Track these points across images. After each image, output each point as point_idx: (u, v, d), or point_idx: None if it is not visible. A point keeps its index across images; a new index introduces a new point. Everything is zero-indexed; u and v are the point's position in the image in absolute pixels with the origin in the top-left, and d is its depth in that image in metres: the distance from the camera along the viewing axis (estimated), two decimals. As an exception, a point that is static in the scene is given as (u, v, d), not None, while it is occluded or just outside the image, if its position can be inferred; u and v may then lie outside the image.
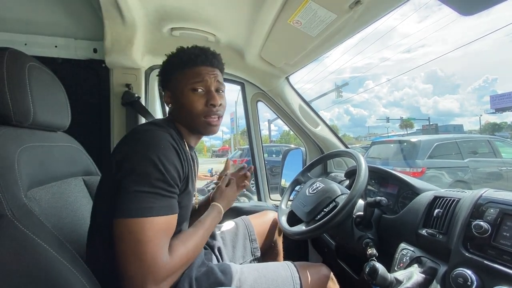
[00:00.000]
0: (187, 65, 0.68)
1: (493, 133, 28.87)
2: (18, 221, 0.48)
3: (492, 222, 0.53)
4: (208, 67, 0.69)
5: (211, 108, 0.68)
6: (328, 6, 0.72)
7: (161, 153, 0.55)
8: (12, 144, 0.55)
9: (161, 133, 0.60)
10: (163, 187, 0.54)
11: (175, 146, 0.60)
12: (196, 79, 0.67)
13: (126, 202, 0.51)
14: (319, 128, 1.41)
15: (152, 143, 0.57)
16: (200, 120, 0.69)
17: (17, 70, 0.59)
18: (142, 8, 0.94)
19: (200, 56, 0.69)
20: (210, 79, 0.69)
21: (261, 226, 1.06)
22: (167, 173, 0.55)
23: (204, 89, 0.69)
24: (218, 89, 0.71)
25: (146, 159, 0.54)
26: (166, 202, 0.55)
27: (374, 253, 0.74)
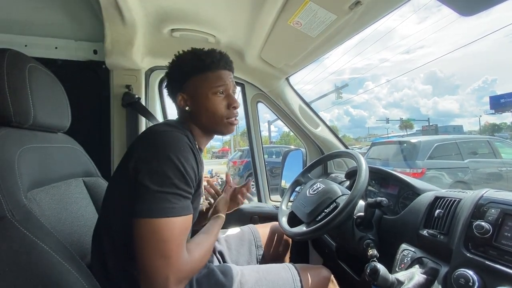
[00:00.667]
0: (210, 68, 0.69)
1: (492, 134, 28.89)
2: (18, 223, 0.48)
3: (493, 222, 0.53)
4: (227, 71, 0.72)
5: (232, 110, 0.71)
6: (328, 7, 0.73)
7: (181, 154, 0.56)
8: (13, 145, 0.55)
9: (179, 134, 0.60)
10: (184, 188, 0.55)
11: (192, 148, 0.60)
12: (219, 83, 0.69)
13: (148, 203, 0.52)
14: (319, 129, 1.41)
15: (172, 144, 0.57)
16: (223, 122, 0.71)
17: (18, 71, 0.59)
18: (142, 9, 0.94)
19: (221, 60, 0.71)
20: (230, 82, 0.72)
21: (267, 236, 1.05)
22: (187, 174, 0.56)
23: (225, 92, 0.71)
24: (234, 91, 0.75)
25: (167, 160, 0.54)
26: (186, 203, 0.56)
27: (375, 254, 0.73)
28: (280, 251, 1.06)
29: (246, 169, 7.46)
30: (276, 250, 1.05)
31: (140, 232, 0.51)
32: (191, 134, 0.69)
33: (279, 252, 1.06)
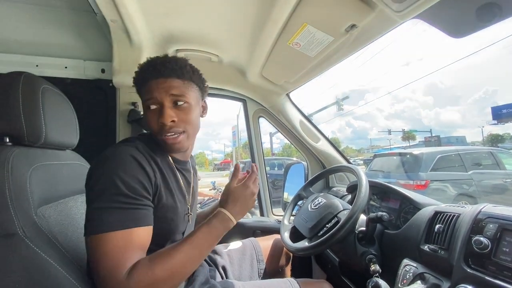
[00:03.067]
0: (141, 82, 0.65)
1: (496, 145, 28.68)
2: (29, 240, 0.49)
3: (491, 238, 0.54)
4: (159, 79, 0.63)
5: (163, 126, 0.63)
6: (325, 30, 0.77)
7: (118, 166, 0.54)
8: (25, 164, 0.57)
9: (123, 147, 0.58)
10: (121, 200, 0.52)
11: (138, 158, 0.57)
12: (147, 96, 0.64)
13: (86, 221, 0.52)
14: (320, 142, 1.43)
15: (110, 159, 0.55)
16: (158, 138, 0.65)
17: (32, 93, 0.62)
18: (149, 31, 0.99)
19: (148, 69, 0.63)
20: (160, 93, 0.62)
21: (269, 250, 1.04)
22: (125, 187, 0.52)
23: (157, 105, 0.64)
24: (177, 101, 0.64)
25: (102, 176, 0.53)
26: (125, 216, 0.52)
27: (378, 270, 0.73)
28: (282, 264, 1.06)
29: (248, 181, 7.42)
30: (278, 264, 1.04)
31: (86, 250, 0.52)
32: (156, 145, 0.66)
33: (281, 265, 1.05)
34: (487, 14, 0.57)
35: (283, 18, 0.77)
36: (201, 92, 0.73)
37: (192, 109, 0.66)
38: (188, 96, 0.65)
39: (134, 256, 0.51)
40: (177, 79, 0.64)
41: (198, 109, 0.70)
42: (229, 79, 1.32)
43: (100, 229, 0.50)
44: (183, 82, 0.65)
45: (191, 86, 0.67)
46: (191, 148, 0.77)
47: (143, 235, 0.54)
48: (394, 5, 0.60)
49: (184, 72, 0.65)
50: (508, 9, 0.55)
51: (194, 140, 0.75)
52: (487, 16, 0.57)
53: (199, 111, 0.72)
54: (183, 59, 0.68)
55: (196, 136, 0.77)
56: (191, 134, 0.69)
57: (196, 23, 0.94)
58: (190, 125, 0.67)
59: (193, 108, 0.67)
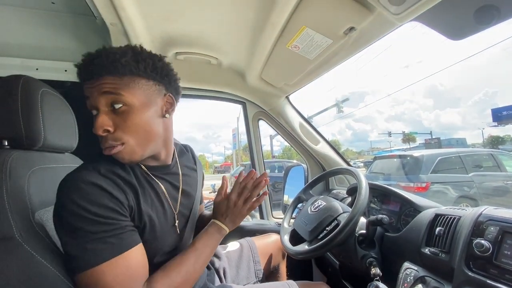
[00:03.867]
0: (81, 83, 0.55)
1: (496, 146, 28.64)
2: (26, 243, 0.49)
3: (493, 240, 0.53)
4: (90, 80, 0.53)
5: (99, 137, 0.55)
6: (324, 32, 0.77)
7: (81, 198, 0.48)
8: (23, 167, 0.57)
9: (82, 175, 0.51)
10: (98, 230, 0.48)
11: (101, 184, 0.50)
12: (86, 100, 0.55)
13: (69, 258, 0.48)
14: (319, 145, 1.43)
15: (70, 191, 0.49)
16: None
17: (31, 97, 0.62)
18: (148, 35, 0.99)
19: (80, 71, 0.54)
20: (94, 96, 0.53)
21: (265, 249, 1.04)
22: (96, 215, 0.48)
23: (94, 110, 0.55)
24: (114, 103, 0.53)
25: (67, 211, 0.48)
26: (111, 243, 0.49)
27: (378, 273, 0.73)
28: (277, 263, 1.06)
29: (249, 184, 7.41)
30: (273, 263, 1.05)
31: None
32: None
33: (276, 264, 1.06)
34: (485, 16, 0.57)
35: (282, 21, 0.78)
36: (160, 85, 0.60)
37: (136, 112, 0.54)
38: (129, 95, 0.53)
39: (141, 274, 0.52)
40: (110, 77, 0.52)
41: (150, 110, 0.57)
42: (228, 82, 1.32)
43: (91, 263, 0.47)
44: (120, 79, 0.53)
45: (136, 81, 0.55)
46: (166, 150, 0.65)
47: (137, 254, 0.52)
48: (392, 7, 0.61)
49: (119, 66, 0.52)
50: (506, 11, 0.55)
51: (156, 145, 0.61)
52: (486, 18, 0.58)
53: (156, 111, 0.59)
54: (123, 49, 0.55)
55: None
56: (136, 145, 0.56)
57: (196, 26, 0.94)
58: (132, 133, 0.55)
59: (137, 110, 0.55)
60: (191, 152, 0.86)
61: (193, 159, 0.84)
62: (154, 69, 0.57)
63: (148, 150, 0.59)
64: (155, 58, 0.59)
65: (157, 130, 0.60)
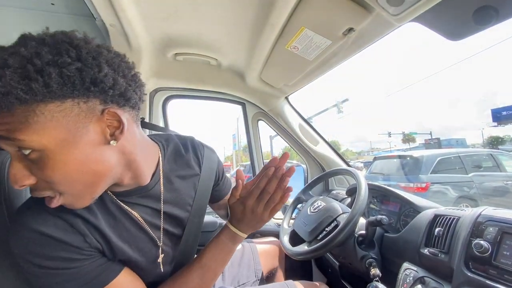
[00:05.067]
0: None
1: (496, 147, 28.67)
2: None
3: (492, 241, 0.53)
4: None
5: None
6: (323, 33, 0.77)
7: (30, 253, 0.41)
8: None
9: (26, 220, 0.42)
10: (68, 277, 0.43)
11: (50, 232, 0.41)
12: None
13: None
14: (319, 145, 1.43)
15: (16, 244, 0.42)
16: None
17: None
18: (148, 36, 0.99)
19: None
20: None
21: (264, 250, 1.04)
22: (55, 266, 0.42)
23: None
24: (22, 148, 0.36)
25: (21, 264, 0.42)
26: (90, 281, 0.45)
27: (378, 274, 0.73)
28: (278, 265, 1.06)
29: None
30: (275, 265, 1.05)
31: None
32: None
33: (278, 266, 1.05)
34: (484, 17, 0.57)
35: (281, 22, 0.78)
36: (89, 100, 0.39)
37: (55, 157, 0.37)
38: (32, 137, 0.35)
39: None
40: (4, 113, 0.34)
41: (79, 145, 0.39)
42: (228, 83, 1.32)
43: None
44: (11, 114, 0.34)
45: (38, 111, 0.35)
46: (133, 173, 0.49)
47: (120, 282, 0.48)
48: (391, 8, 0.61)
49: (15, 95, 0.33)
50: (504, 12, 0.55)
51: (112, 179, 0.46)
52: (484, 19, 0.58)
53: (91, 142, 0.40)
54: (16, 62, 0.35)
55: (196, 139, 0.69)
56: (79, 193, 0.42)
57: (195, 27, 0.95)
58: (63, 184, 0.39)
59: (55, 153, 0.37)
60: (193, 149, 0.68)
61: (196, 158, 0.67)
62: (68, 80, 0.36)
63: (99, 190, 0.44)
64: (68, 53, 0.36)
65: (103, 166, 0.42)
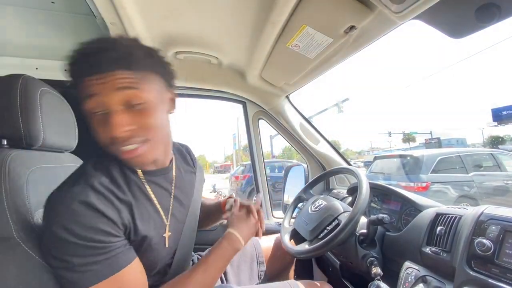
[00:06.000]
0: (76, 80, 0.50)
1: (496, 146, 28.67)
2: (24, 244, 0.49)
3: (494, 240, 0.53)
4: (99, 75, 0.47)
5: (114, 140, 0.49)
6: (324, 31, 0.76)
7: (70, 222, 0.45)
8: (23, 166, 0.57)
9: (71, 193, 0.48)
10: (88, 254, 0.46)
11: (94, 203, 0.47)
12: (87, 97, 0.48)
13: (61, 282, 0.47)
14: (319, 144, 1.43)
15: (59, 213, 0.46)
16: (114, 152, 0.52)
17: (30, 96, 0.62)
18: (148, 34, 0.99)
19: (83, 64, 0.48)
20: (104, 93, 0.47)
21: (270, 251, 1.02)
22: (86, 240, 0.45)
23: (104, 109, 0.49)
24: (132, 100, 0.48)
25: (54, 235, 0.45)
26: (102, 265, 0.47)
27: (379, 272, 0.73)
28: (284, 266, 1.05)
29: (248, 184, 7.43)
30: (279, 266, 1.03)
31: None
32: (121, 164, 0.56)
33: (282, 267, 1.04)
34: (486, 14, 0.57)
35: (282, 20, 0.77)
36: (166, 80, 0.57)
37: (154, 109, 0.51)
38: (146, 91, 0.49)
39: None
40: (125, 71, 0.47)
41: (163, 107, 0.55)
42: (228, 81, 1.32)
43: (82, 286, 0.45)
44: (136, 73, 0.49)
45: (150, 77, 0.52)
46: (167, 153, 0.63)
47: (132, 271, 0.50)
48: (393, 6, 0.60)
49: (134, 60, 0.48)
50: (507, 9, 0.55)
51: (168, 145, 0.62)
52: (487, 17, 0.57)
53: (166, 107, 0.57)
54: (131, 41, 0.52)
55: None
56: (158, 141, 0.54)
57: (195, 25, 0.94)
58: (155, 130, 0.52)
59: (155, 106, 0.51)
60: (188, 153, 0.81)
61: (191, 161, 0.80)
62: (163, 64, 0.56)
63: (164, 149, 0.59)
64: (160, 52, 0.58)
65: (169, 128, 0.58)
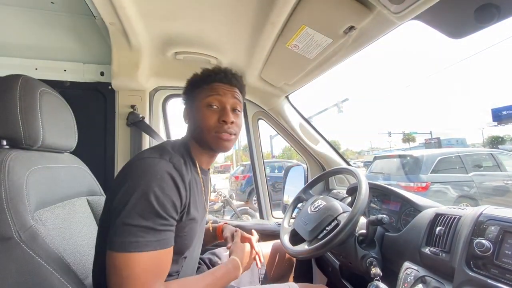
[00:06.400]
0: (206, 81, 0.71)
1: (496, 146, 28.66)
2: (24, 244, 0.49)
3: (493, 240, 0.53)
4: (226, 84, 0.71)
5: (222, 124, 0.68)
6: (324, 32, 0.77)
7: (155, 184, 0.53)
8: (22, 167, 0.57)
9: (160, 162, 0.57)
10: (154, 220, 0.52)
11: (174, 176, 0.57)
12: (212, 93, 0.69)
13: (114, 235, 0.50)
14: (319, 145, 1.43)
15: (147, 174, 0.54)
16: (211, 135, 0.68)
17: (29, 96, 0.62)
18: (147, 34, 0.99)
19: (219, 74, 0.71)
20: (226, 96, 0.70)
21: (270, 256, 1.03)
22: (160, 206, 0.52)
23: (219, 106, 0.69)
24: (235, 108, 0.72)
25: (137, 192, 0.52)
26: (156, 237, 0.52)
27: (378, 273, 0.72)
28: (283, 270, 1.04)
29: (248, 184, 7.42)
30: (279, 269, 1.03)
31: (107, 265, 0.50)
32: (189, 154, 0.69)
33: (282, 271, 1.04)
34: (485, 15, 0.57)
35: (281, 20, 0.78)
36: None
37: (241, 116, 0.77)
38: (240, 106, 0.75)
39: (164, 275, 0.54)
40: (238, 91, 0.74)
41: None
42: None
43: (131, 248, 0.49)
44: (241, 94, 0.76)
45: (242, 98, 0.77)
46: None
47: (167, 257, 0.55)
48: (392, 6, 0.60)
49: (243, 88, 0.78)
50: (506, 10, 0.55)
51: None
52: (486, 17, 0.57)
53: None
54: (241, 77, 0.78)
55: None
56: (237, 138, 0.75)
57: (195, 25, 0.94)
58: (239, 131, 0.75)
59: (242, 115, 0.77)
60: None
61: None
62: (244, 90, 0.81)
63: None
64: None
65: None
